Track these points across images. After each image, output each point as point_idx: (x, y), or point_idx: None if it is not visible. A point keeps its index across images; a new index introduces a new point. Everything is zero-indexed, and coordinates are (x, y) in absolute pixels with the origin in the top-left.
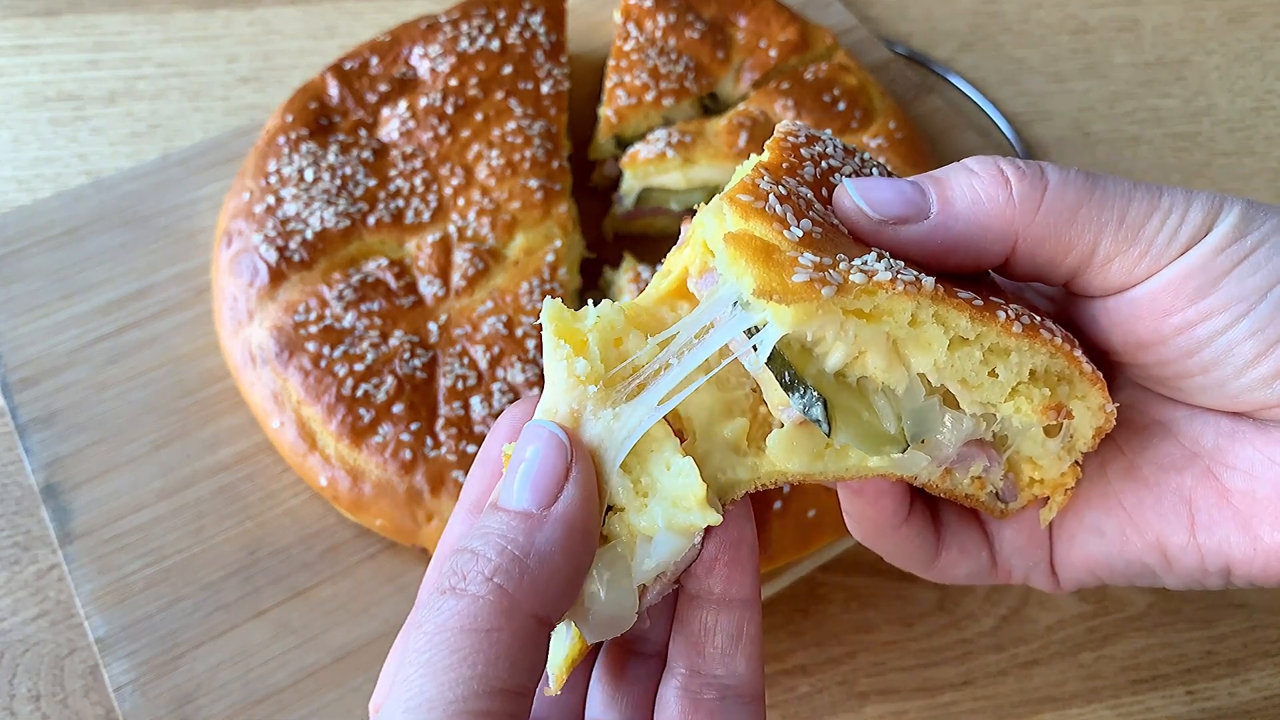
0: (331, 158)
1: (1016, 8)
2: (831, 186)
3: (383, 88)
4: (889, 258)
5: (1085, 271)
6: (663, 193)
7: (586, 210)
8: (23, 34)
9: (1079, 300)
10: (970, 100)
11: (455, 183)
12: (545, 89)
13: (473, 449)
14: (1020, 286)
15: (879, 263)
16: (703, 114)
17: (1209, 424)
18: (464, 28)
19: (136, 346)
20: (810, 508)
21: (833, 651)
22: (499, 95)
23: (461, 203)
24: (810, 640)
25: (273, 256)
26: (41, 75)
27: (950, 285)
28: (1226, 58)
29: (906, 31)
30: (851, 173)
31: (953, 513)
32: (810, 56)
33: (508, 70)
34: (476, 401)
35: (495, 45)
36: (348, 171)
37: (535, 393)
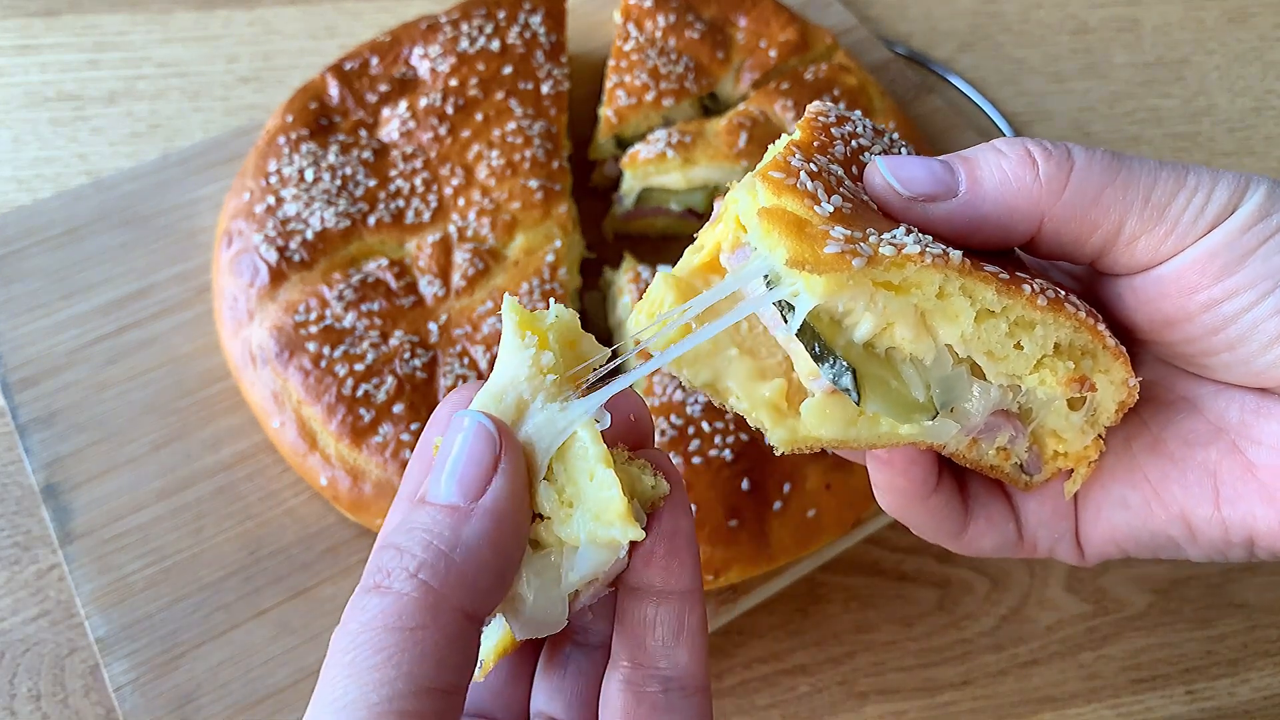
0: (332, 158)
1: (1016, 8)
2: (861, 165)
3: (383, 88)
4: (917, 233)
5: (1111, 250)
6: (663, 193)
7: (586, 210)
8: (23, 34)
9: (1104, 278)
10: (970, 100)
11: (455, 183)
12: (545, 89)
13: None
14: (1046, 264)
15: (907, 237)
16: (703, 114)
17: (1234, 400)
18: (464, 28)
19: (137, 346)
20: (810, 508)
21: (832, 651)
22: (499, 95)
23: (462, 203)
24: (810, 640)
25: (273, 256)
26: (42, 75)
27: (977, 260)
28: (1226, 58)
29: (906, 32)
30: (881, 151)
31: (980, 485)
32: (810, 57)
33: (508, 70)
34: None
35: (495, 45)
36: (348, 171)
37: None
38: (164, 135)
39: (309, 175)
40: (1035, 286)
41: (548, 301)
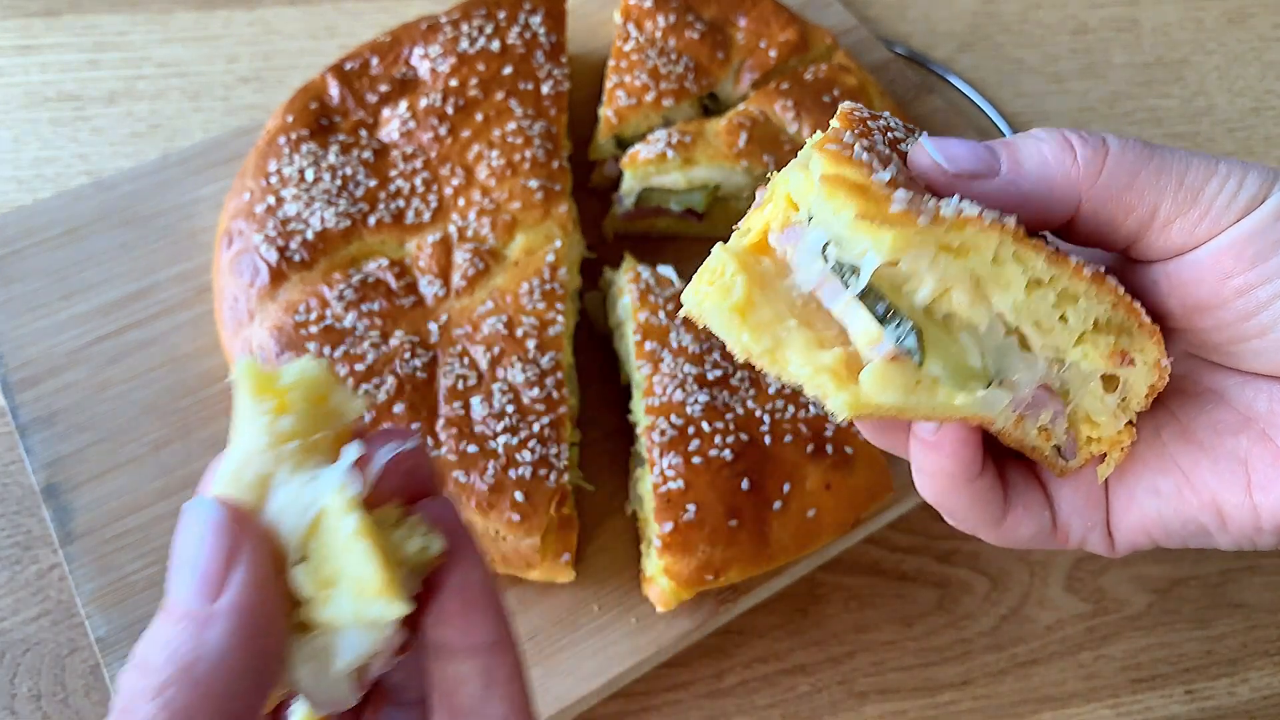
0: (332, 158)
1: (1015, 8)
2: (901, 154)
3: (383, 88)
4: (970, 202)
5: (1146, 234)
6: (663, 193)
7: (586, 210)
8: (23, 34)
9: (1138, 266)
10: (969, 100)
11: (455, 183)
12: (545, 89)
13: (473, 449)
14: (1077, 251)
15: (962, 203)
16: (703, 114)
17: (1261, 390)
18: (464, 28)
19: (137, 346)
20: (810, 507)
21: (832, 651)
22: (499, 96)
23: (462, 203)
24: (810, 640)
25: (273, 256)
26: (42, 75)
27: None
28: (1225, 58)
29: (906, 32)
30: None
31: (1017, 473)
32: (810, 57)
33: (508, 71)
34: (477, 401)
35: (495, 46)
36: (348, 172)
37: (536, 392)
38: (164, 135)
39: (309, 175)
40: (1079, 259)
41: (549, 303)
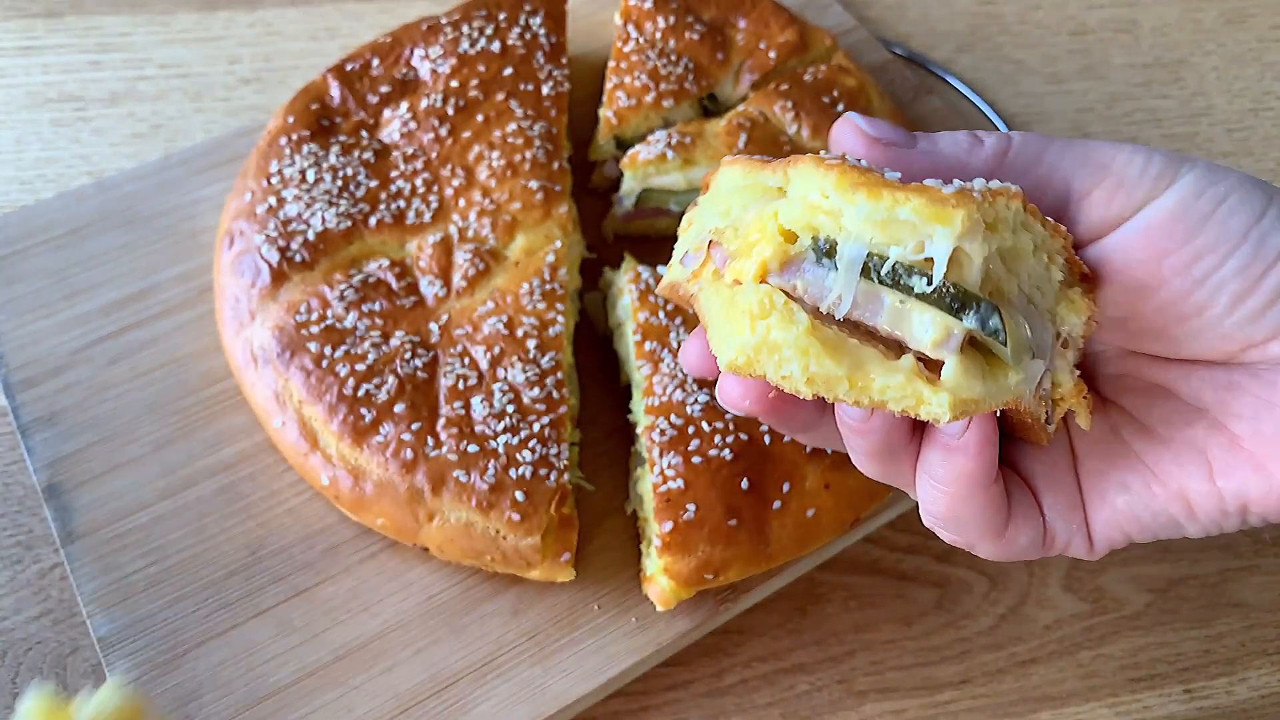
0: (333, 159)
1: (1015, 9)
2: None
3: (384, 89)
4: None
5: (1068, 210)
6: (663, 193)
7: (586, 211)
8: (25, 35)
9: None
10: (969, 101)
11: (456, 183)
12: (546, 90)
13: (474, 449)
14: None
15: (975, 180)
16: (702, 115)
17: (1205, 380)
18: (465, 29)
19: (138, 346)
20: (809, 507)
21: (832, 650)
22: (500, 96)
23: (462, 203)
24: (809, 639)
25: (274, 257)
26: (44, 76)
27: None
28: (1224, 59)
29: (905, 33)
30: None
31: (1011, 480)
32: (809, 58)
33: (508, 72)
34: (477, 401)
35: (496, 47)
36: (349, 172)
37: (536, 392)
38: (166, 136)
39: (310, 176)
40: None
41: (550, 303)
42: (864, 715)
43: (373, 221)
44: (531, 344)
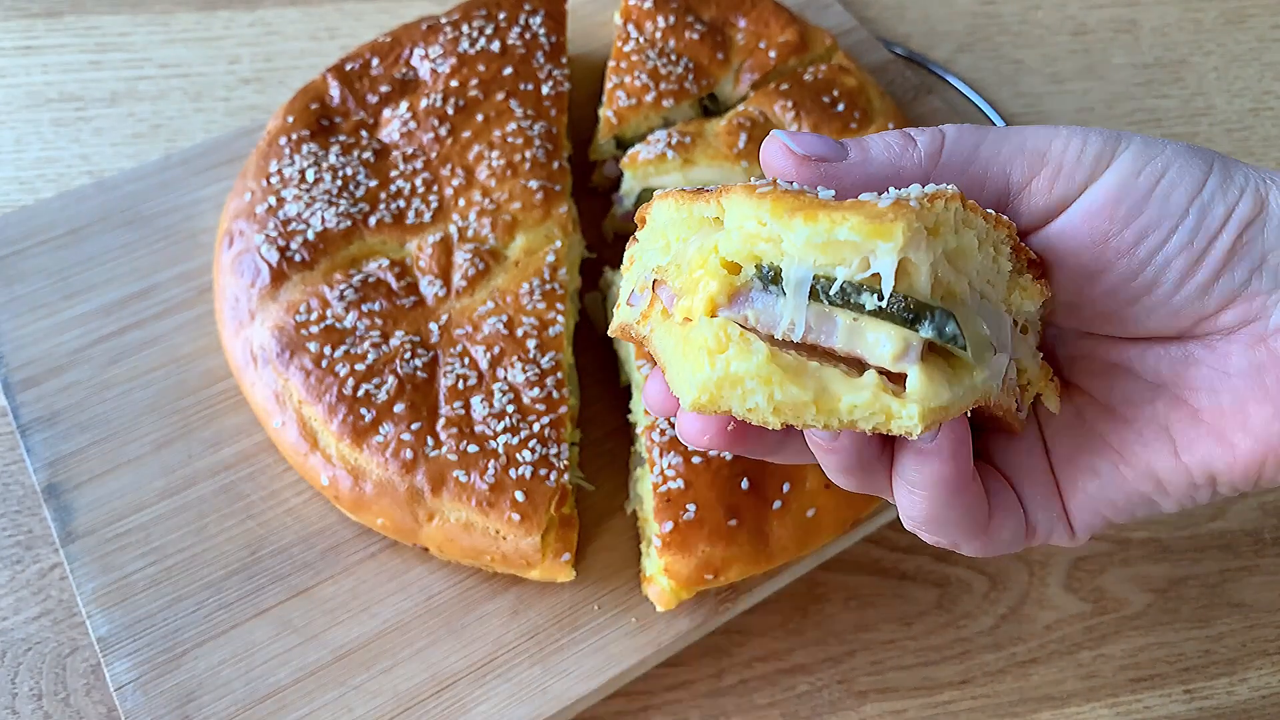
0: (333, 158)
1: (1015, 9)
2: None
3: (384, 89)
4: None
5: (1009, 203)
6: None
7: (586, 210)
8: (25, 35)
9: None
10: (969, 101)
11: (456, 183)
12: (546, 90)
13: (473, 449)
14: None
15: (910, 188)
16: (702, 115)
17: (1161, 356)
18: (464, 29)
19: (138, 346)
20: (809, 507)
21: (832, 650)
22: (499, 96)
23: (462, 203)
24: (809, 639)
25: (274, 257)
26: (44, 76)
27: None
28: (1224, 59)
29: (905, 33)
30: None
31: (989, 475)
32: (809, 58)
33: (508, 71)
34: (477, 401)
35: (496, 46)
36: (349, 172)
37: (536, 392)
38: (166, 136)
39: (310, 176)
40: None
41: (550, 303)
42: (864, 715)
43: (373, 221)
44: (531, 344)
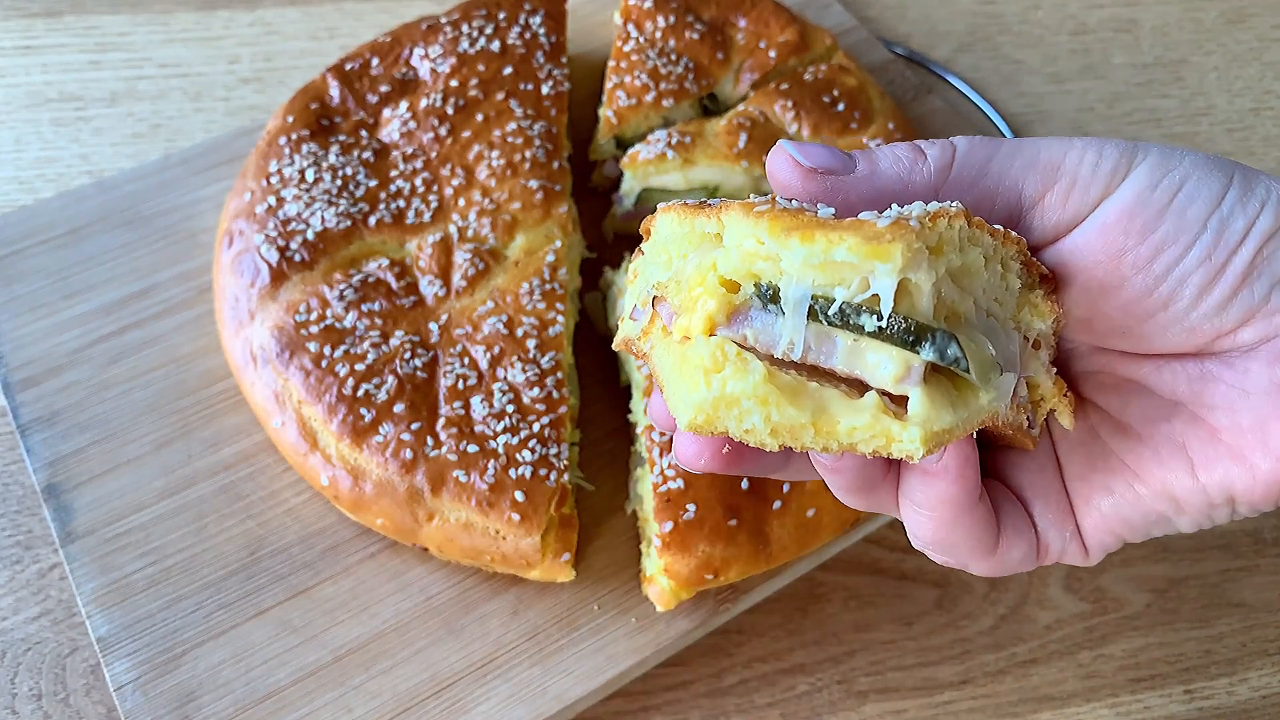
0: (332, 158)
1: (1015, 9)
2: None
3: (383, 88)
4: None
5: (1022, 217)
6: (663, 193)
7: (586, 210)
8: (25, 35)
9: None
10: (969, 101)
11: (456, 183)
12: (545, 90)
13: (473, 449)
14: None
15: (912, 205)
16: (702, 115)
17: (1178, 373)
18: (464, 29)
19: (138, 346)
20: (809, 507)
21: (832, 650)
22: (499, 96)
23: (462, 203)
24: (809, 639)
25: (274, 257)
26: (43, 76)
27: None
28: (1225, 59)
29: (905, 32)
30: None
31: (999, 493)
32: (810, 57)
33: (508, 71)
34: (477, 401)
35: (495, 46)
36: (349, 172)
37: (536, 392)
38: (165, 135)
39: (310, 175)
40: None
41: (550, 303)
42: (864, 716)
43: (372, 221)
44: (531, 344)
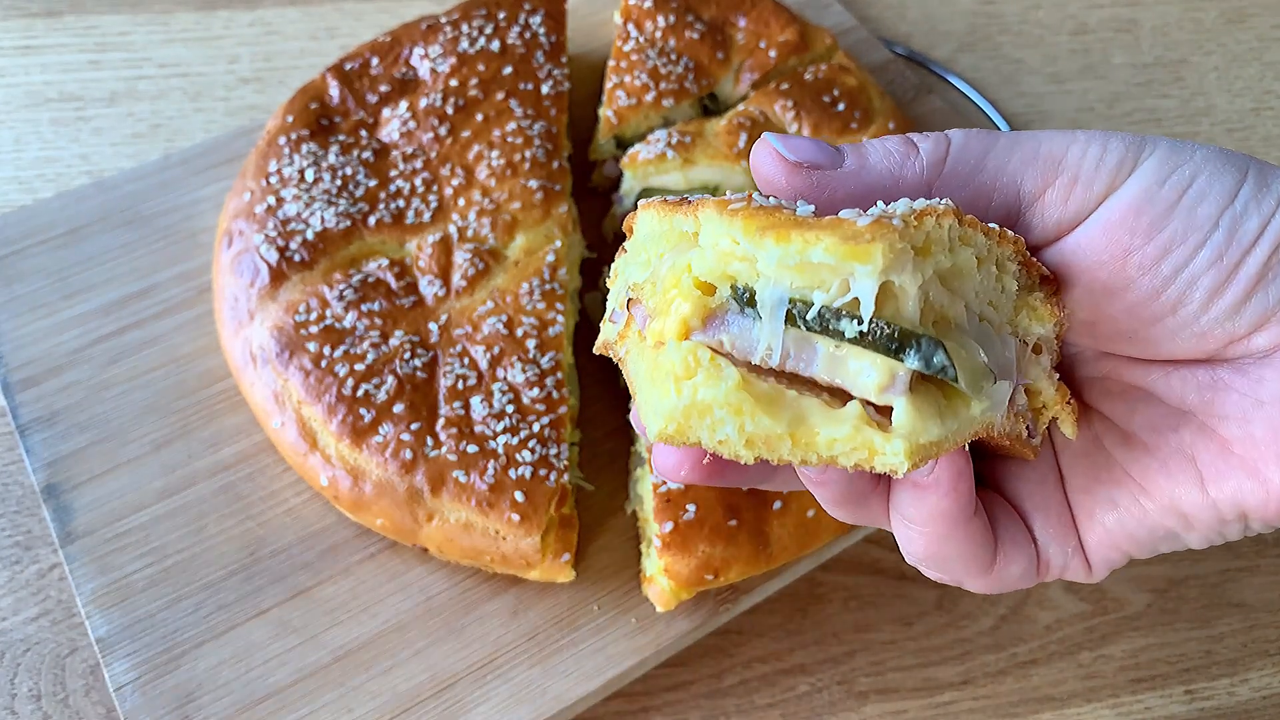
0: (332, 158)
1: (1015, 8)
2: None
3: (383, 88)
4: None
5: (1021, 214)
6: (663, 193)
7: (586, 210)
8: (24, 34)
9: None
10: (969, 100)
11: (456, 183)
12: (545, 90)
13: (473, 449)
14: None
15: (898, 203)
16: (702, 114)
17: (1187, 380)
18: (464, 28)
19: (138, 346)
20: (810, 507)
21: (832, 650)
22: (499, 96)
23: (462, 203)
24: (810, 639)
25: (274, 257)
26: (43, 75)
27: None
28: (1225, 58)
29: (906, 32)
30: None
31: (998, 508)
32: (810, 57)
33: (508, 71)
34: (477, 401)
35: (495, 46)
36: (348, 172)
37: (536, 392)
38: (165, 135)
39: (309, 175)
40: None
41: (549, 303)
42: (864, 716)
43: (372, 221)
44: (531, 344)
